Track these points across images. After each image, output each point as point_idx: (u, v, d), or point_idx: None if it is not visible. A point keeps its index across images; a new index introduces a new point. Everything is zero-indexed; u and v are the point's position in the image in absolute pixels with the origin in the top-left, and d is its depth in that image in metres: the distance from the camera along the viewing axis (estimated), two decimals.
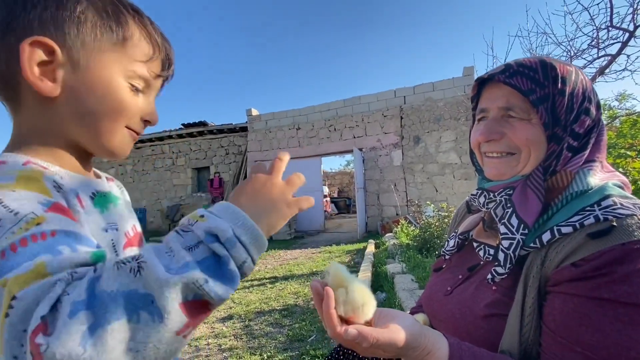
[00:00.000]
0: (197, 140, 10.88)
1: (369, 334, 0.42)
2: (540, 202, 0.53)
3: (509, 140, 0.56)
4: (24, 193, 0.32)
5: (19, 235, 0.28)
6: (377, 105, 8.50)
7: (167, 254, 0.28)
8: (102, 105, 0.41)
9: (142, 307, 0.25)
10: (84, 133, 0.43)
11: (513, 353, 0.49)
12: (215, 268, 0.28)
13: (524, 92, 0.53)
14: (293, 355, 1.99)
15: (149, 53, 0.44)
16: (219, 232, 0.29)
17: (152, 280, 0.26)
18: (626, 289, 0.42)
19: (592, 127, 0.55)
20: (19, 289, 0.25)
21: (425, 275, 3.01)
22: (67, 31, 0.39)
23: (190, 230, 0.30)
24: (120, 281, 0.26)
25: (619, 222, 0.45)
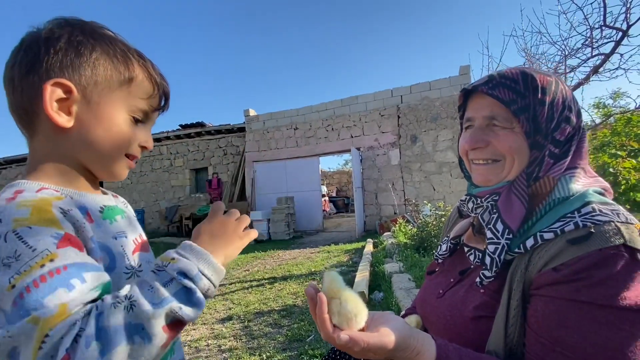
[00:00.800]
0: (195, 141, 10.88)
1: (359, 338, 0.45)
2: (524, 207, 0.55)
3: (493, 148, 0.59)
4: (38, 229, 0.38)
5: (38, 271, 0.35)
6: (374, 105, 8.53)
7: (149, 291, 0.37)
8: (107, 135, 0.48)
9: (136, 333, 0.34)
10: (91, 158, 0.50)
11: (499, 353, 0.51)
12: (186, 297, 0.38)
13: (506, 103, 0.56)
14: (292, 355, 2.02)
15: (150, 91, 0.52)
16: (187, 271, 0.39)
17: (141, 314, 0.35)
18: (603, 292, 0.44)
19: (573, 135, 0.57)
20: (49, 329, 0.33)
21: (422, 275, 3.03)
22: (83, 73, 0.46)
23: (164, 269, 0.39)
24: (117, 317, 0.35)
25: (597, 229, 0.47)
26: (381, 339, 0.46)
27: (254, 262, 5.19)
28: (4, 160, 12.96)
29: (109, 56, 0.48)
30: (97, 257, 0.43)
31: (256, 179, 9.71)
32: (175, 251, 0.42)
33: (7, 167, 13.17)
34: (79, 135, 0.47)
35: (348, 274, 3.78)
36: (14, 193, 0.42)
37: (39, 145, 0.48)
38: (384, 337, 0.46)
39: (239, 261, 5.29)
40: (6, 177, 13.13)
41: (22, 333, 0.32)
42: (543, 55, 3.51)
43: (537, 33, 3.41)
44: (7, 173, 13.18)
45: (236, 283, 3.94)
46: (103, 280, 0.40)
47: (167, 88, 0.55)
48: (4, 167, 13.22)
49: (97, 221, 0.48)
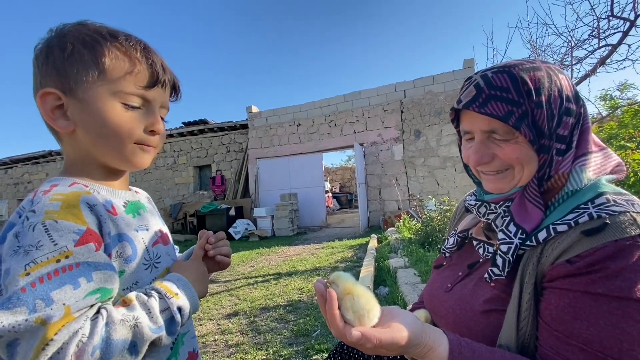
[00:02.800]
0: (198, 138, 10.89)
1: (371, 335, 0.44)
2: (542, 211, 0.54)
3: (500, 160, 0.57)
4: (64, 224, 0.41)
5: (53, 266, 0.39)
6: (377, 100, 8.47)
7: (149, 315, 0.44)
8: (105, 128, 0.49)
9: (129, 349, 0.41)
10: (102, 153, 0.51)
11: (510, 347, 0.51)
12: (170, 325, 0.46)
13: (502, 118, 0.53)
14: (298, 349, 2.03)
15: (128, 68, 0.49)
16: (182, 309, 0.49)
17: (142, 336, 0.42)
18: (619, 284, 0.43)
19: (575, 124, 0.55)
20: (54, 333, 0.36)
21: (427, 269, 3.03)
22: (63, 77, 0.47)
23: (168, 301, 0.47)
24: (123, 332, 0.40)
25: (612, 220, 0.46)
26: (393, 334, 0.46)
27: (258, 258, 5.21)
28: (10, 160, 13.07)
29: (79, 51, 0.47)
30: (112, 251, 0.46)
31: (259, 175, 9.72)
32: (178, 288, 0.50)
33: (13, 166, 13.29)
34: (84, 135, 0.50)
35: (353, 270, 3.79)
36: (50, 186, 0.46)
37: (66, 149, 0.52)
38: (396, 333, 0.46)
39: (244, 257, 5.32)
40: (12, 176, 13.25)
41: (28, 331, 0.35)
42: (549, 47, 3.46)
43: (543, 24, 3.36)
44: (13, 172, 13.30)
45: (241, 279, 3.96)
46: (108, 281, 0.44)
47: (154, 58, 0.52)
48: (10, 166, 13.34)
49: (121, 214, 0.51)
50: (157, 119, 0.53)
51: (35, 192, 0.45)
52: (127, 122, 0.50)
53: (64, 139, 0.51)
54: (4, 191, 13.37)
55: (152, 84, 0.51)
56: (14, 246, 0.39)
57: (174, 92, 0.57)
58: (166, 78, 0.53)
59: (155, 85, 0.51)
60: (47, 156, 12.55)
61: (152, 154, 0.55)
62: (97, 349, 0.37)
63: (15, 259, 0.38)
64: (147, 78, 0.50)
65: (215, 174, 10.29)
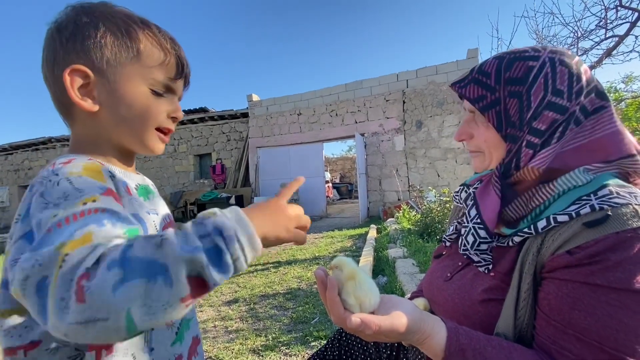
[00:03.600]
0: (199, 126, 10.85)
1: (371, 321, 0.45)
2: (497, 195, 0.57)
3: (476, 141, 0.63)
4: (88, 179, 0.42)
5: (80, 207, 0.37)
6: (379, 90, 8.39)
7: (183, 237, 0.34)
8: (131, 112, 0.49)
9: (159, 273, 0.32)
10: (123, 136, 0.51)
11: (508, 335, 0.51)
12: (215, 257, 0.34)
13: (473, 101, 0.58)
14: (297, 336, 2.06)
15: (161, 58, 0.51)
16: (223, 229, 0.36)
17: (169, 254, 0.32)
18: (618, 275, 0.43)
19: (562, 122, 0.53)
20: (70, 250, 0.33)
21: (426, 260, 3.05)
22: (94, 55, 0.47)
23: (202, 223, 0.36)
24: (146, 251, 0.32)
25: (614, 211, 0.46)
26: (392, 322, 0.46)
27: None
28: (10, 146, 13.05)
29: (113, 32, 0.48)
30: None
31: (260, 164, 9.71)
32: (220, 210, 0.39)
33: (13, 152, 13.28)
34: (107, 116, 0.49)
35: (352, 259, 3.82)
36: (67, 159, 0.45)
37: (79, 131, 0.51)
38: (396, 320, 0.47)
39: None
40: (12, 162, 13.26)
41: (50, 260, 0.32)
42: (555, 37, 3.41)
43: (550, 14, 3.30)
44: (13, 158, 13.29)
45: None
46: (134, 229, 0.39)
47: (181, 52, 0.54)
48: (10, 152, 13.32)
49: (134, 196, 0.51)
50: (179, 106, 0.55)
51: (52, 163, 0.44)
52: (153, 106, 0.51)
53: (79, 118, 0.50)
54: (5, 177, 13.40)
55: (178, 76, 0.53)
56: (42, 203, 0.38)
57: (185, 84, 0.58)
58: (187, 72, 0.55)
59: (180, 78, 0.54)
60: (47, 143, 12.53)
61: (167, 142, 0.56)
62: (115, 266, 0.31)
63: (45, 213, 0.37)
64: (174, 70, 0.53)
65: (216, 162, 10.29)
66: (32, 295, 0.32)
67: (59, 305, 0.30)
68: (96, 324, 0.30)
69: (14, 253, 0.37)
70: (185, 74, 0.55)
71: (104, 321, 0.30)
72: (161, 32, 0.52)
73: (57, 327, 0.30)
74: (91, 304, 0.30)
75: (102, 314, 0.30)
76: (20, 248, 0.37)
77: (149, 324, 0.31)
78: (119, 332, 0.31)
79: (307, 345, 1.93)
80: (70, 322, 0.29)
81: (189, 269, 0.32)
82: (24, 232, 0.38)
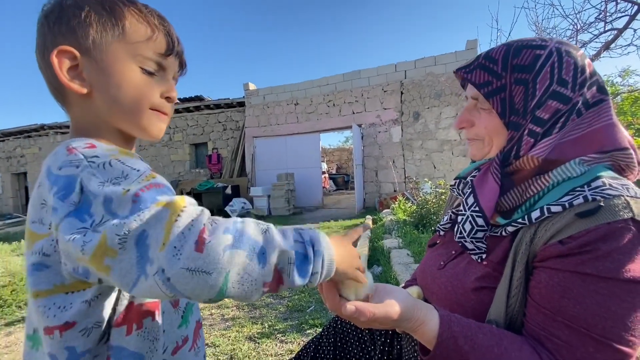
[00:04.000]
0: (194, 115, 10.72)
1: (366, 309, 0.46)
2: (497, 183, 0.57)
3: (476, 129, 0.62)
4: (133, 159, 0.43)
5: (146, 182, 0.39)
6: (377, 80, 8.33)
7: (283, 234, 0.40)
8: (122, 92, 0.48)
9: (258, 253, 0.37)
10: (117, 118, 0.50)
11: (499, 323, 0.53)
12: (301, 262, 0.40)
13: (478, 86, 0.58)
14: (293, 324, 2.09)
15: (148, 34, 0.49)
16: (316, 243, 0.42)
17: (270, 241, 0.38)
18: (608, 265, 0.44)
19: (565, 112, 0.53)
20: (184, 206, 0.36)
21: (420, 250, 3.09)
22: (80, 35, 0.46)
23: (301, 233, 0.42)
24: (254, 231, 0.38)
25: (606, 202, 0.47)
26: (386, 309, 0.47)
27: None
28: (2, 133, 12.84)
29: (97, 11, 0.47)
30: None
31: (256, 154, 9.67)
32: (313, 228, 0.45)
33: (4, 139, 13.07)
34: (99, 98, 0.48)
35: None
36: (88, 143, 0.44)
37: (76, 115, 0.50)
38: (389, 307, 0.48)
39: None
40: (4, 150, 13.06)
41: (153, 215, 0.35)
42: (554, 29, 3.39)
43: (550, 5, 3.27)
44: (4, 146, 13.09)
45: None
46: None
47: (170, 28, 0.52)
48: (1, 139, 13.11)
49: None
50: (172, 85, 0.54)
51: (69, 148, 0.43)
52: (144, 85, 0.49)
53: (74, 103, 0.49)
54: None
55: (169, 52, 0.52)
56: (98, 184, 0.38)
57: (180, 67, 0.57)
58: (179, 49, 0.54)
59: (171, 54, 0.52)
60: (39, 130, 12.33)
61: (167, 123, 0.55)
62: (230, 233, 0.36)
63: (113, 188, 0.38)
64: (164, 45, 0.51)
65: (212, 152, 10.22)
66: (132, 248, 0.34)
67: (171, 252, 0.33)
68: (200, 275, 0.33)
69: (68, 229, 0.37)
70: (177, 51, 0.53)
71: (207, 275, 0.33)
72: (148, 8, 0.51)
73: (166, 271, 0.33)
74: (206, 255, 0.33)
75: (209, 268, 0.33)
76: (73, 223, 0.37)
77: (235, 293, 0.35)
78: (212, 290, 0.34)
79: (303, 333, 1.96)
80: (181, 267, 0.33)
81: (278, 260, 0.38)
82: (68, 211, 0.38)
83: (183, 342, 0.53)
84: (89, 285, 0.42)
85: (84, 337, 0.42)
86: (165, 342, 0.50)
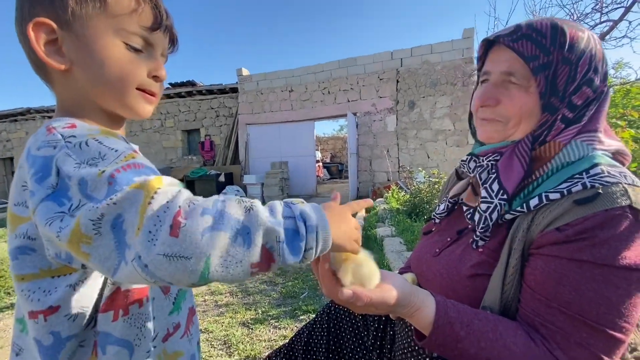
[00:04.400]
0: (186, 101, 10.51)
1: (363, 294, 0.45)
2: (523, 170, 0.55)
3: (503, 108, 0.57)
4: (113, 139, 0.40)
5: (124, 162, 0.37)
6: (372, 68, 8.23)
7: (270, 210, 0.37)
8: (105, 70, 0.45)
9: (241, 234, 0.34)
10: (103, 98, 0.47)
11: (494, 309, 0.53)
12: (291, 238, 0.37)
13: (526, 58, 0.52)
14: (286, 310, 2.11)
15: (132, 6, 0.46)
16: (308, 218, 0.38)
17: (255, 220, 0.35)
18: (604, 252, 0.44)
19: (593, 100, 0.54)
20: (157, 187, 0.33)
21: (413, 238, 3.12)
22: (58, 7, 0.43)
23: (290, 207, 0.39)
24: (236, 210, 0.35)
25: (604, 190, 0.47)
26: (383, 294, 0.47)
27: None
28: None
29: None
30: None
31: (249, 142, 9.57)
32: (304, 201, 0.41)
33: None
34: (82, 75, 0.45)
35: None
36: (69, 123, 0.42)
37: (58, 91, 0.48)
38: (386, 293, 0.48)
39: None
40: None
41: (127, 198, 0.33)
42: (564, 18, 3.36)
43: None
44: None
45: None
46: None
47: (157, 1, 0.48)
48: None
49: None
50: (160, 63, 0.50)
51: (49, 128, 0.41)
52: (129, 62, 0.46)
53: (56, 80, 0.47)
54: None
55: (156, 26, 0.48)
56: (73, 164, 0.36)
57: (171, 43, 0.53)
58: (168, 23, 0.50)
59: (159, 28, 0.49)
60: (25, 114, 11.97)
61: (154, 104, 0.52)
62: (209, 214, 0.33)
63: (88, 170, 0.35)
64: (150, 19, 0.47)
65: (204, 138, 10.07)
66: (108, 233, 0.32)
67: (146, 238, 0.31)
68: (179, 260, 0.31)
69: (45, 213, 0.35)
70: (165, 25, 0.49)
71: (186, 260, 0.31)
72: None
73: (143, 258, 0.31)
74: (182, 240, 0.31)
75: (187, 253, 0.31)
76: (50, 207, 0.35)
77: (219, 276, 0.33)
78: (193, 275, 0.32)
79: (296, 319, 1.98)
80: (157, 253, 0.31)
81: (266, 239, 0.35)
82: (46, 195, 0.36)
83: (175, 329, 0.52)
84: (75, 270, 0.41)
85: (69, 322, 0.41)
86: (156, 328, 0.49)
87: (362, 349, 0.82)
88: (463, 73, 6.56)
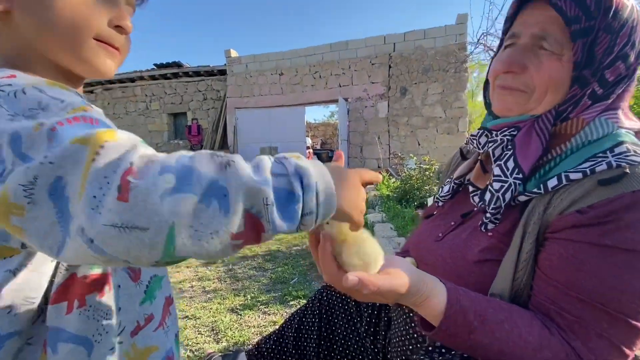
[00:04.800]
0: (172, 83, 10.17)
1: (369, 281, 0.40)
2: (542, 147, 0.50)
3: (528, 77, 0.51)
4: (60, 89, 0.33)
5: (71, 114, 0.30)
6: (365, 52, 8.09)
7: (255, 167, 0.29)
8: (53, 14, 0.37)
9: (216, 196, 0.26)
10: (51, 48, 0.39)
11: (504, 296, 0.49)
12: (284, 201, 0.29)
13: (568, 20, 0.46)
14: (276, 296, 2.09)
15: None
16: (305, 174, 0.30)
17: (233, 179, 0.27)
18: (629, 236, 0.41)
19: (624, 77, 0.49)
20: (105, 140, 0.26)
21: (403, 224, 3.13)
22: None
23: (281, 162, 0.31)
24: (209, 167, 0.27)
25: (632, 169, 0.43)
26: (392, 282, 0.42)
27: None
28: None
29: None
30: None
31: (238, 126, 9.37)
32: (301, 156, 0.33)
33: None
34: (23, 20, 0.38)
35: None
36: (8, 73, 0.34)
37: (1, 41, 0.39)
38: (395, 280, 0.42)
39: None
40: None
41: (67, 155, 0.26)
42: None
43: None
44: None
45: None
46: None
47: None
48: None
49: None
50: (124, 12, 0.42)
51: None
52: (84, 6, 0.38)
53: None
54: None
55: None
56: (6, 116, 0.29)
57: None
58: None
59: None
60: None
61: (117, 61, 0.44)
62: (170, 172, 0.26)
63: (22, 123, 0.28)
64: None
65: (191, 122, 9.82)
66: (44, 201, 0.26)
67: (90, 204, 0.24)
68: (132, 232, 0.24)
69: None
70: None
71: (142, 231, 0.25)
72: None
73: (86, 230, 0.25)
74: (134, 205, 0.24)
75: (142, 222, 0.24)
76: None
77: (190, 251, 0.26)
78: (154, 250, 0.25)
79: (286, 305, 1.95)
80: (104, 223, 0.24)
81: (249, 203, 0.27)
82: None
83: (146, 321, 0.46)
84: (16, 251, 0.34)
85: (9, 316, 0.35)
86: (122, 321, 0.43)
87: (354, 335, 0.79)
88: (456, 59, 6.51)
